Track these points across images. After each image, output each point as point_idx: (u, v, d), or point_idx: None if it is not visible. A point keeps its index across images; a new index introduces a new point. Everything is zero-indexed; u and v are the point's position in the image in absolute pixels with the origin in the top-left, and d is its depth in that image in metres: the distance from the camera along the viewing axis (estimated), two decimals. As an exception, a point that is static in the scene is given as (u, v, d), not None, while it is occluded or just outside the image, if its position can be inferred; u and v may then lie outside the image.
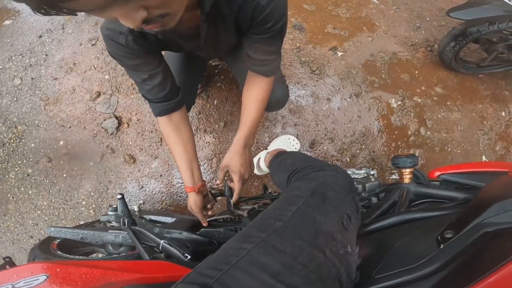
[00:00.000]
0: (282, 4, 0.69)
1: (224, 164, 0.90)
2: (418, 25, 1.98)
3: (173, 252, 0.82)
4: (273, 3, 0.66)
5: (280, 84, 1.09)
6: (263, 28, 0.72)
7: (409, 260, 0.53)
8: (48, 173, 1.60)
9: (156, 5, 0.45)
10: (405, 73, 1.78)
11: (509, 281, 0.41)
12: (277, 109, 1.24)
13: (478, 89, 1.83)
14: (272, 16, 0.69)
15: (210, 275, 0.44)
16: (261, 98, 0.88)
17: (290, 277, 0.45)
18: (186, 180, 0.89)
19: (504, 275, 0.41)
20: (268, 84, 0.88)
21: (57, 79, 1.74)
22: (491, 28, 1.48)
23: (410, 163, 0.89)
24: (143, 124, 1.61)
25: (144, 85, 0.82)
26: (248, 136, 0.89)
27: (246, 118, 0.89)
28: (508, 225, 0.52)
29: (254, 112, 0.88)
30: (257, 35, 0.76)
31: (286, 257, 0.47)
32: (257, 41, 0.78)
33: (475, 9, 1.42)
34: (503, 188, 0.63)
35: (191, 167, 0.90)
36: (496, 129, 1.77)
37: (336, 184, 0.65)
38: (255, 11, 0.68)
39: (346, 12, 1.95)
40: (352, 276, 0.53)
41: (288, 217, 0.55)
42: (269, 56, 0.82)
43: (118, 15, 0.42)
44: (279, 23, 0.72)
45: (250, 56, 0.83)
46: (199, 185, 0.90)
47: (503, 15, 1.40)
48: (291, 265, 0.46)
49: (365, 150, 1.62)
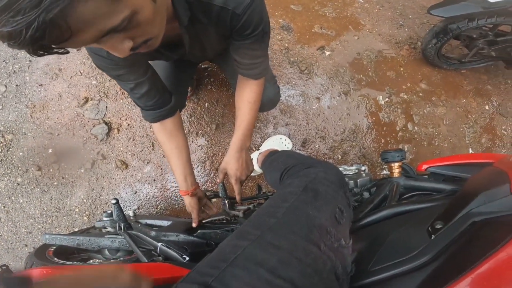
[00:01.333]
0: (258, 9, 0.69)
1: (222, 167, 0.94)
2: (401, 23, 2.03)
3: (171, 254, 0.82)
4: (249, 10, 0.66)
5: (271, 84, 1.11)
6: (243, 34, 0.73)
7: (402, 252, 0.54)
8: (39, 181, 1.57)
9: (140, 34, 0.49)
10: (391, 70, 1.82)
11: (497, 270, 0.42)
12: (269, 109, 1.26)
13: (461, 85, 1.89)
14: (250, 22, 0.69)
15: (209, 274, 0.45)
16: (253, 100, 0.90)
17: (286, 272, 0.46)
18: (180, 183, 0.93)
19: (493, 265, 0.42)
20: (259, 86, 0.90)
21: (43, 86, 1.70)
22: (470, 25, 1.53)
23: (398, 157, 0.92)
24: (134, 129, 1.60)
25: (133, 94, 0.83)
26: (243, 139, 0.91)
27: (240, 121, 0.91)
28: (495, 214, 0.54)
29: (248, 115, 0.90)
30: (239, 41, 0.76)
31: (282, 252, 0.48)
32: (241, 47, 0.78)
33: (454, 6, 1.46)
34: (488, 178, 0.64)
35: (184, 172, 0.92)
36: (480, 122, 1.83)
37: (327, 180, 0.67)
38: (232, 20, 0.68)
39: (332, 12, 1.98)
40: (348, 268, 0.55)
41: (282, 213, 0.56)
42: (256, 59, 0.83)
43: (106, 48, 0.47)
44: (259, 28, 0.72)
45: (238, 61, 0.84)
46: (192, 188, 0.93)
47: (482, 12, 1.44)
48: (287, 260, 0.47)
49: (355, 147, 1.65)
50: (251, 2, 0.65)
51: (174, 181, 1.56)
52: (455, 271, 0.44)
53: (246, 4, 0.65)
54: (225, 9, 0.65)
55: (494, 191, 0.56)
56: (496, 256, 0.43)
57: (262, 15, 0.71)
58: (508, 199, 0.54)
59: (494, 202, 0.55)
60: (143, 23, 0.47)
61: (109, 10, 0.40)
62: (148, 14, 0.47)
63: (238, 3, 0.65)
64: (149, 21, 0.48)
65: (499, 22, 1.52)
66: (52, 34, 0.36)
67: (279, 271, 0.46)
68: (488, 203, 0.55)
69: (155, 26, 0.52)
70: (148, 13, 0.47)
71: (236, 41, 0.77)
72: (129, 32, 0.46)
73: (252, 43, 0.76)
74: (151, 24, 0.49)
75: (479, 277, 0.42)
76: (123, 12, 0.42)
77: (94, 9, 0.38)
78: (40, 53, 0.38)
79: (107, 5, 0.39)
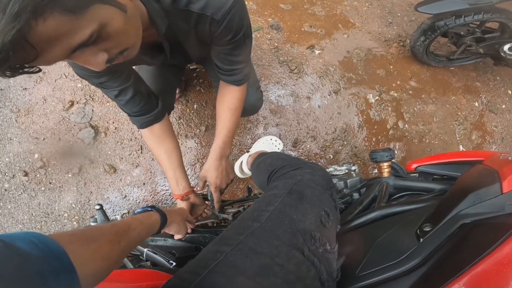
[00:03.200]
0: (238, 14, 0.67)
1: (202, 175, 0.94)
2: (390, 21, 2.03)
3: (158, 259, 0.81)
4: (228, 16, 0.65)
5: (253, 89, 1.09)
6: (224, 40, 0.71)
7: (391, 256, 0.53)
8: (26, 187, 1.53)
9: (113, 45, 0.47)
10: (380, 68, 1.82)
11: (486, 276, 0.40)
12: (250, 114, 1.25)
13: (450, 82, 1.90)
14: (230, 28, 0.68)
15: (189, 280, 0.44)
16: (234, 107, 0.89)
17: (268, 278, 0.45)
18: (172, 187, 0.93)
19: (481, 270, 0.41)
20: (240, 93, 0.89)
21: (27, 90, 1.65)
22: (457, 22, 1.54)
23: (387, 157, 0.91)
24: (122, 132, 1.57)
25: (118, 101, 0.81)
26: (223, 146, 0.91)
27: (220, 129, 0.90)
28: (484, 215, 0.52)
29: (228, 122, 0.89)
30: (220, 47, 0.75)
31: (263, 258, 0.47)
32: (221, 52, 0.77)
33: (441, 3, 1.46)
34: (477, 177, 0.62)
35: (176, 176, 0.91)
36: (470, 119, 1.84)
37: (314, 182, 0.66)
38: (211, 26, 0.67)
39: (322, 10, 1.98)
40: (333, 274, 0.53)
41: (265, 217, 0.55)
42: (237, 65, 0.81)
43: (80, 62, 0.45)
44: (240, 33, 0.70)
45: (219, 66, 0.82)
46: (184, 192, 0.92)
47: (468, 8, 1.45)
48: (269, 266, 0.46)
49: (347, 146, 1.64)
50: (230, 8, 0.63)
51: (164, 184, 1.54)
52: (443, 277, 0.43)
53: (225, 10, 0.63)
54: (204, 15, 0.64)
55: (484, 191, 0.54)
56: (485, 261, 0.41)
57: (242, 20, 0.69)
58: (498, 199, 0.52)
59: (484, 203, 0.53)
60: (115, 34, 0.46)
61: (72, 26, 0.39)
62: (119, 25, 0.45)
63: (216, 9, 0.63)
64: (121, 32, 0.47)
65: (486, 19, 1.53)
66: (17, 56, 0.35)
67: (260, 278, 0.44)
68: (477, 204, 0.53)
69: (129, 37, 0.50)
70: (118, 24, 0.45)
71: (217, 46, 0.75)
72: (101, 45, 0.45)
73: (233, 49, 0.75)
74: (124, 35, 0.48)
75: (467, 284, 0.40)
76: (89, 26, 0.41)
77: (55, 26, 0.37)
78: (8, 74, 0.37)
79: (69, 21, 0.38)
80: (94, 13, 0.41)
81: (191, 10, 0.63)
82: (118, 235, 0.47)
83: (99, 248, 0.41)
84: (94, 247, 0.40)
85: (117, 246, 0.45)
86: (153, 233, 0.62)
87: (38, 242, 0.32)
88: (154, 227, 0.61)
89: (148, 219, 0.59)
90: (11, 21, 0.32)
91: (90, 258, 0.38)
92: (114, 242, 0.45)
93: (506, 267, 0.40)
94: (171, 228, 0.73)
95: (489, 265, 0.41)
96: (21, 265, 0.28)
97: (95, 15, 0.41)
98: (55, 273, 0.31)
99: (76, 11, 0.38)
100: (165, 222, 0.65)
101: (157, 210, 0.65)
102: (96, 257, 0.40)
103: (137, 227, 0.54)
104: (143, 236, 0.56)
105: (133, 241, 0.51)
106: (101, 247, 0.42)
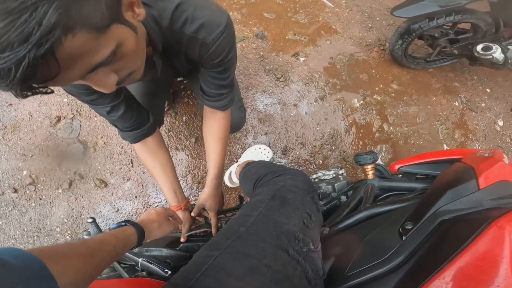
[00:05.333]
0: (227, 40, 0.70)
1: (200, 203, 0.95)
2: (370, 26, 2.10)
3: (153, 268, 0.82)
4: (219, 40, 0.68)
5: (236, 108, 1.12)
6: (211, 63, 0.74)
7: (377, 255, 0.54)
8: (16, 203, 1.51)
9: (125, 66, 0.48)
10: (363, 73, 1.87)
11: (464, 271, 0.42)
12: (233, 132, 1.28)
13: (430, 83, 1.97)
14: (220, 52, 0.71)
15: (182, 285, 0.46)
16: (223, 136, 0.92)
17: (256, 279, 0.47)
18: (170, 199, 0.94)
19: (461, 265, 0.42)
20: (226, 119, 0.92)
21: (13, 105, 1.63)
22: (431, 24, 1.59)
23: (370, 159, 0.95)
24: (111, 147, 1.56)
25: (110, 117, 0.82)
26: (218, 176, 0.94)
27: (214, 160, 0.92)
28: (463, 211, 0.53)
29: (220, 152, 0.92)
30: (207, 69, 0.77)
31: (250, 260, 0.50)
32: (209, 75, 0.79)
33: (414, 7, 1.51)
34: (455, 174, 0.64)
35: (173, 188, 0.93)
36: (451, 118, 1.91)
37: (295, 187, 0.70)
38: (201, 48, 0.69)
39: (305, 18, 2.02)
40: (319, 272, 0.56)
41: (251, 222, 0.58)
42: (223, 90, 0.84)
43: (92, 84, 0.45)
44: (228, 57, 0.74)
45: (205, 91, 0.85)
46: (184, 202, 0.95)
47: (440, 10, 1.50)
48: (256, 267, 0.49)
49: (335, 151, 1.68)
50: (220, 33, 0.67)
51: (157, 197, 1.54)
52: (425, 273, 0.44)
53: (215, 34, 0.66)
54: (195, 38, 0.67)
55: (461, 187, 0.56)
56: (462, 255, 0.43)
57: (232, 45, 0.72)
58: (475, 195, 0.54)
59: (461, 199, 0.54)
60: (128, 54, 0.46)
61: (95, 44, 0.39)
62: (132, 45, 0.47)
63: (207, 34, 0.66)
64: (133, 52, 0.48)
65: (457, 20, 1.59)
66: (42, 72, 0.34)
67: (249, 278, 0.47)
68: (455, 200, 0.55)
69: (138, 57, 0.51)
70: (132, 44, 0.46)
71: (205, 68, 0.78)
72: (115, 65, 0.45)
73: (219, 72, 0.78)
74: (135, 55, 0.49)
75: (448, 279, 0.42)
76: (109, 45, 0.41)
77: (81, 44, 0.36)
78: (25, 94, 0.36)
79: (94, 39, 0.38)
80: (114, 32, 0.41)
81: (184, 32, 0.66)
82: (91, 249, 0.48)
83: (70, 262, 0.42)
84: (65, 261, 0.41)
85: (90, 260, 0.46)
86: (133, 246, 0.63)
87: (19, 255, 0.33)
88: (130, 240, 0.62)
89: (123, 233, 0.60)
90: (46, 34, 0.31)
91: (62, 271, 0.39)
92: (87, 256, 0.46)
93: (483, 261, 0.41)
94: (153, 235, 0.74)
95: (467, 260, 0.42)
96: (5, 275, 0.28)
97: (114, 35, 0.41)
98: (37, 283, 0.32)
99: (101, 30, 0.39)
100: (142, 233, 0.66)
101: (132, 223, 0.66)
102: (67, 271, 0.41)
103: (111, 241, 0.55)
104: (119, 250, 0.57)
105: (108, 255, 0.52)
106: (72, 261, 0.43)
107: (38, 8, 0.30)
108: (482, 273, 0.41)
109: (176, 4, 0.63)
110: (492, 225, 0.45)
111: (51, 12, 0.31)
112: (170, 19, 0.64)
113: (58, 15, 0.31)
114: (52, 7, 0.31)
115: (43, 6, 0.30)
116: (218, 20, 0.67)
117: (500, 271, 0.40)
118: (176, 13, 0.64)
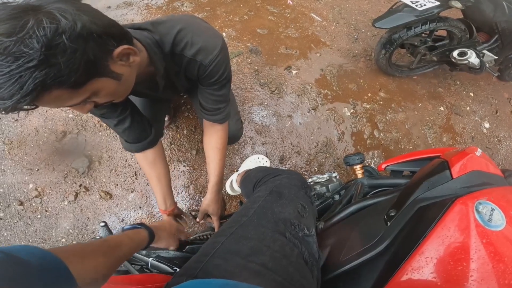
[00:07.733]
0: (222, 61, 0.80)
1: (203, 209, 1.04)
2: (356, 37, 2.21)
3: (162, 267, 0.85)
4: (215, 62, 0.78)
5: (233, 121, 1.21)
6: (209, 82, 0.84)
7: (366, 241, 0.61)
8: (21, 215, 1.55)
9: (101, 100, 0.59)
10: (352, 83, 1.98)
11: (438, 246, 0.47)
12: (231, 143, 1.37)
13: (415, 90, 2.08)
14: (216, 72, 0.81)
15: (195, 267, 0.54)
16: (221, 147, 1.01)
17: (258, 257, 0.55)
18: (159, 204, 1.05)
19: (433, 241, 0.48)
20: (224, 132, 1.01)
21: (18, 121, 1.69)
22: (409, 33, 1.69)
23: (358, 160, 1.05)
24: (115, 160, 1.63)
25: (117, 129, 0.91)
26: (219, 183, 1.03)
27: (214, 170, 1.01)
28: (438, 198, 0.59)
29: (219, 161, 1.01)
30: (205, 87, 0.87)
31: (253, 242, 0.58)
32: (206, 92, 0.89)
33: (392, 17, 1.61)
34: (431, 167, 0.69)
35: (163, 195, 1.04)
36: (438, 123, 2.00)
37: (290, 183, 0.79)
38: (199, 69, 0.80)
39: (295, 32, 2.14)
40: (315, 255, 0.64)
41: (252, 212, 0.67)
42: (219, 104, 0.93)
43: (71, 108, 0.56)
44: (223, 76, 0.84)
45: (203, 106, 0.93)
46: (170, 209, 1.05)
47: (416, 20, 1.60)
48: (258, 248, 0.57)
49: (330, 158, 1.76)
50: (216, 56, 0.77)
51: (160, 207, 1.60)
52: (405, 252, 0.51)
53: (212, 57, 0.77)
54: (194, 60, 0.77)
55: (436, 178, 0.63)
56: (434, 232, 0.49)
57: (226, 66, 0.83)
58: (449, 184, 0.60)
59: (436, 188, 0.61)
60: (104, 96, 0.57)
61: (69, 96, 0.50)
62: (109, 91, 0.58)
63: (205, 56, 0.76)
64: (111, 94, 0.58)
65: (433, 27, 1.69)
66: (21, 109, 0.47)
67: (252, 257, 0.55)
68: (432, 189, 0.62)
69: (118, 95, 0.62)
70: (109, 90, 0.57)
71: (203, 86, 0.87)
72: (90, 100, 0.55)
73: (216, 89, 0.88)
74: (112, 95, 0.59)
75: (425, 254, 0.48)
76: (83, 95, 0.52)
77: (56, 96, 0.48)
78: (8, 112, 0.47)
79: (68, 93, 0.49)
80: (90, 86, 0.52)
81: (184, 55, 0.76)
82: (110, 249, 0.52)
83: (93, 261, 0.45)
84: (86, 261, 0.44)
85: (109, 259, 0.50)
86: (142, 248, 0.67)
87: (37, 254, 0.34)
88: (142, 243, 0.67)
89: (137, 235, 0.66)
90: (25, 95, 0.42)
91: (83, 270, 0.41)
92: (108, 255, 0.50)
93: (454, 235, 0.47)
94: (159, 243, 0.81)
95: (440, 235, 0.49)
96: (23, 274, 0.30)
97: (89, 88, 0.52)
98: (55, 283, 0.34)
99: (76, 86, 0.50)
100: (152, 238, 0.72)
101: (146, 227, 0.71)
102: (90, 269, 0.43)
103: (128, 243, 0.59)
104: (132, 251, 0.61)
105: (123, 256, 0.56)
106: (96, 260, 0.46)
107: (22, 76, 0.42)
108: (455, 246, 0.47)
109: (178, 30, 0.74)
110: (456, 202, 0.52)
111: (30, 81, 0.42)
112: (172, 43, 0.74)
113: (34, 85, 0.43)
114: (32, 77, 0.42)
115: (25, 76, 0.42)
116: (213, 44, 0.77)
117: (471, 243, 0.46)
118: (177, 38, 0.74)
